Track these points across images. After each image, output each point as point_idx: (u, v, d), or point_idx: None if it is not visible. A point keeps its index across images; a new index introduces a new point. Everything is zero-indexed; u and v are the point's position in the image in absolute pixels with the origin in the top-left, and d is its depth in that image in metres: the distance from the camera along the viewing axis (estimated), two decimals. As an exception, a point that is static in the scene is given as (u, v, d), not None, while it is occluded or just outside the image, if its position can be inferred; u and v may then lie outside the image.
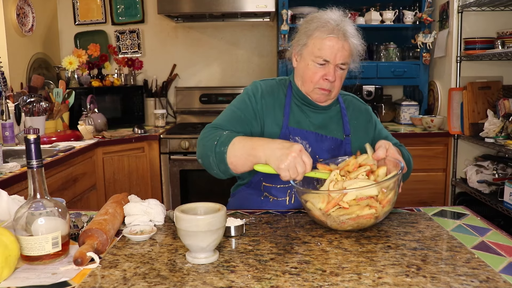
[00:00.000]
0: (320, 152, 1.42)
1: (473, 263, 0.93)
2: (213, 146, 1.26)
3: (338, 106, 1.51)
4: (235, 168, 1.24)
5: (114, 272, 0.90)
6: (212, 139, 1.28)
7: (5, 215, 1.13)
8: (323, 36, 1.35)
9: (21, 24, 2.91)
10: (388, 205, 1.10)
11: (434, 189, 2.84)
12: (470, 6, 2.69)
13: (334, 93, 1.42)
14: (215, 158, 1.25)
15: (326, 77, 1.37)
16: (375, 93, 3.11)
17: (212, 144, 1.26)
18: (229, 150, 1.22)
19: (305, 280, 0.85)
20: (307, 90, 1.42)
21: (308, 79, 1.40)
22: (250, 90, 1.46)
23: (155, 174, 2.89)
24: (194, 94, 3.44)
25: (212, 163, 1.27)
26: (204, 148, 1.30)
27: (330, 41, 1.35)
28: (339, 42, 1.35)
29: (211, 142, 1.27)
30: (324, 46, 1.35)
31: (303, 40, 1.41)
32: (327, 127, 1.46)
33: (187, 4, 3.01)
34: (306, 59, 1.40)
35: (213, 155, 1.25)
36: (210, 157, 1.27)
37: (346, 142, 1.46)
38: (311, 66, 1.38)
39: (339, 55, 1.35)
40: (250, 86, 1.48)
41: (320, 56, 1.36)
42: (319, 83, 1.39)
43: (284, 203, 1.41)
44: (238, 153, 1.21)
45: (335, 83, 1.39)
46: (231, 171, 1.26)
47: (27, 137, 0.92)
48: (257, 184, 1.44)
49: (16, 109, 2.44)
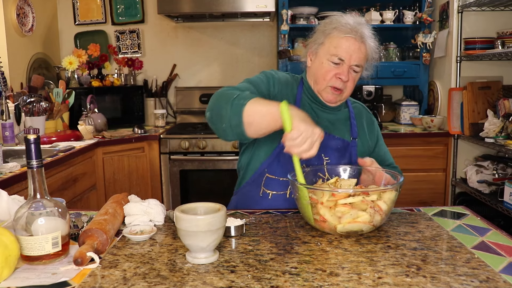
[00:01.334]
0: (327, 151, 1.43)
1: (473, 263, 0.93)
2: (232, 99, 1.19)
3: (347, 110, 1.53)
4: (249, 126, 1.16)
5: (114, 272, 0.90)
6: (232, 93, 1.22)
7: (5, 215, 1.13)
8: (341, 36, 1.36)
9: (21, 24, 2.91)
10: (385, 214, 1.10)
11: (434, 189, 2.84)
12: (470, 6, 2.69)
13: (345, 94, 1.43)
14: (230, 110, 1.17)
15: (339, 75, 1.37)
16: (375, 93, 3.11)
17: (231, 97, 1.20)
18: (249, 103, 1.17)
19: (305, 280, 0.85)
20: (319, 88, 1.43)
21: (321, 77, 1.40)
22: (269, 73, 1.45)
23: (155, 174, 2.89)
24: (194, 94, 3.44)
25: (225, 115, 1.19)
26: (220, 99, 1.23)
27: (348, 41, 1.36)
28: (356, 43, 1.36)
29: (230, 95, 1.21)
30: (341, 45, 1.36)
31: (320, 39, 1.42)
32: (335, 127, 1.47)
33: (187, 4, 3.01)
34: (321, 57, 1.41)
35: (229, 107, 1.18)
36: (223, 109, 1.19)
37: (353, 144, 1.47)
38: (326, 64, 1.39)
39: (355, 56, 1.36)
40: (268, 71, 1.47)
41: (336, 54, 1.36)
42: (332, 81, 1.39)
43: (284, 197, 1.41)
44: (259, 107, 1.16)
45: (347, 84, 1.40)
46: (242, 127, 1.17)
47: (27, 137, 0.92)
48: (259, 177, 1.43)
49: (16, 109, 2.44)
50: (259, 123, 1.16)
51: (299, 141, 1.07)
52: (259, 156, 1.44)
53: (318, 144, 1.09)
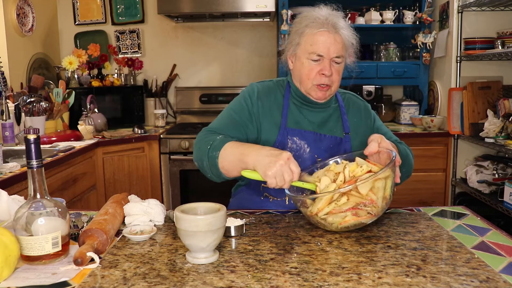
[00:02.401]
0: (319, 152, 1.42)
1: (473, 263, 0.93)
2: (207, 150, 1.28)
3: (337, 104, 1.51)
4: (227, 173, 1.26)
5: (114, 272, 0.90)
6: (206, 143, 1.29)
7: (5, 215, 1.13)
8: (314, 32, 1.36)
9: (21, 24, 2.91)
10: (384, 202, 1.09)
11: (434, 189, 2.84)
12: (470, 6, 2.69)
13: (334, 88, 1.42)
14: (208, 162, 1.27)
15: (322, 72, 1.37)
16: (375, 93, 3.11)
17: (206, 148, 1.28)
18: (221, 155, 1.24)
19: (305, 280, 0.85)
20: (306, 88, 1.42)
21: (305, 77, 1.40)
22: (246, 92, 1.46)
23: (155, 174, 2.89)
24: (194, 94, 3.44)
25: (206, 167, 1.29)
26: (199, 151, 1.32)
27: (322, 36, 1.35)
28: (330, 36, 1.35)
29: (205, 146, 1.29)
30: (316, 41, 1.35)
31: (295, 40, 1.41)
32: (326, 125, 1.46)
33: (187, 4, 3.01)
34: (300, 57, 1.40)
35: (206, 159, 1.28)
36: (204, 161, 1.29)
37: (346, 140, 1.46)
38: (306, 63, 1.39)
39: (333, 49, 1.35)
40: (247, 88, 1.49)
41: (313, 52, 1.36)
42: (316, 79, 1.38)
43: (284, 203, 1.41)
44: (229, 158, 1.23)
45: (332, 78, 1.38)
46: (223, 175, 1.28)
47: (27, 137, 0.92)
48: (256, 184, 1.43)
49: (16, 109, 2.44)
50: (233, 170, 1.24)
51: (278, 181, 1.10)
52: None
53: (295, 164, 1.11)
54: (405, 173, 1.41)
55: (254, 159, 1.15)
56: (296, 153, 1.41)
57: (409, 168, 1.45)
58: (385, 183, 1.09)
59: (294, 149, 1.41)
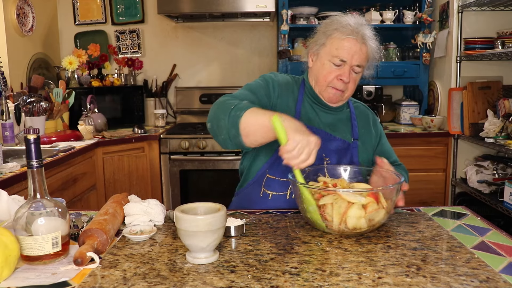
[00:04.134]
0: (328, 151, 1.43)
1: (473, 263, 0.93)
2: (229, 110, 1.21)
3: (348, 110, 1.53)
4: (246, 135, 1.18)
5: (114, 272, 0.90)
6: (229, 104, 1.24)
7: (5, 215, 1.13)
8: (342, 37, 1.37)
9: (21, 24, 2.91)
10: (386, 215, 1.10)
11: (434, 189, 2.84)
12: (470, 6, 2.69)
13: (346, 95, 1.43)
14: (228, 121, 1.20)
15: (340, 77, 1.38)
16: (375, 93, 3.11)
17: (228, 108, 1.22)
18: (245, 115, 1.18)
19: (305, 280, 0.85)
20: (320, 89, 1.43)
21: (322, 78, 1.41)
22: (268, 76, 1.46)
23: (155, 174, 2.89)
24: (194, 94, 3.44)
25: (223, 126, 1.22)
26: (218, 110, 1.25)
27: (349, 42, 1.36)
28: (357, 44, 1.36)
29: (227, 106, 1.23)
30: (342, 46, 1.37)
31: (321, 40, 1.42)
32: (336, 128, 1.47)
33: (187, 4, 3.01)
34: (322, 58, 1.41)
35: (227, 118, 1.20)
36: (222, 120, 1.22)
37: (354, 145, 1.47)
38: (327, 65, 1.40)
39: (356, 57, 1.37)
40: (267, 74, 1.49)
41: (337, 56, 1.37)
42: (333, 82, 1.40)
43: (284, 198, 1.41)
44: (255, 119, 1.17)
45: (348, 85, 1.40)
46: (240, 138, 1.20)
47: (27, 137, 0.92)
48: (260, 178, 1.43)
49: (16, 109, 2.44)
50: (255, 135, 1.18)
51: (296, 152, 1.07)
52: (261, 158, 1.44)
53: (315, 153, 1.09)
54: None
55: (289, 122, 1.11)
56: None
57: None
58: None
59: None
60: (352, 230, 1.07)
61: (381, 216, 1.08)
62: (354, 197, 1.06)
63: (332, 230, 1.08)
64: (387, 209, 1.08)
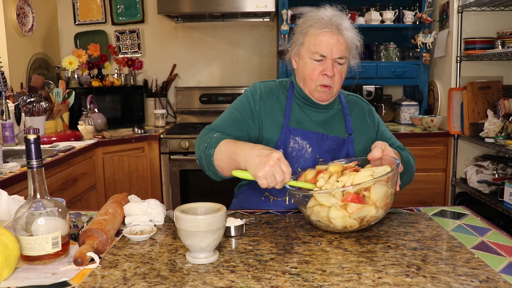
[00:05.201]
0: (321, 152, 1.42)
1: (473, 263, 0.93)
2: (204, 148, 1.28)
3: (340, 106, 1.51)
4: (222, 171, 1.25)
5: (114, 272, 0.90)
6: (204, 141, 1.30)
7: (5, 215, 1.13)
8: (317, 32, 1.36)
9: (21, 24, 2.91)
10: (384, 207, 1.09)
11: (434, 189, 2.84)
12: (470, 6, 2.68)
13: (335, 90, 1.42)
14: (205, 161, 1.27)
15: (324, 72, 1.37)
16: (375, 93, 3.11)
17: (203, 146, 1.28)
18: (215, 153, 1.24)
19: (305, 280, 0.85)
20: (309, 89, 1.43)
21: (308, 77, 1.40)
22: (249, 92, 1.47)
23: (155, 174, 2.89)
24: (194, 94, 3.44)
25: (204, 165, 1.30)
26: (198, 149, 1.33)
27: (325, 36, 1.35)
28: (333, 36, 1.35)
29: (203, 144, 1.29)
30: (319, 42, 1.36)
31: (299, 39, 1.42)
32: (329, 126, 1.46)
33: (187, 4, 3.01)
34: (304, 57, 1.41)
35: (204, 157, 1.28)
36: (201, 159, 1.30)
37: (349, 141, 1.46)
38: (309, 63, 1.39)
39: (335, 49, 1.36)
40: (250, 87, 1.49)
41: (316, 52, 1.36)
42: (319, 79, 1.39)
43: (284, 203, 1.41)
44: (222, 156, 1.22)
45: (334, 79, 1.39)
46: (220, 174, 1.27)
47: (27, 137, 0.92)
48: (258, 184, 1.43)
49: (16, 109, 2.44)
50: (227, 169, 1.22)
51: (270, 182, 1.09)
52: None
53: (285, 165, 1.09)
54: (407, 180, 1.43)
55: (244, 158, 1.14)
56: (298, 153, 1.41)
57: (410, 175, 1.45)
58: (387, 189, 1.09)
59: (296, 149, 1.41)
60: (345, 229, 1.07)
61: (372, 212, 1.06)
62: (327, 200, 1.06)
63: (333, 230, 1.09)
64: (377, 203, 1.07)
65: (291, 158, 1.39)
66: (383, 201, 1.08)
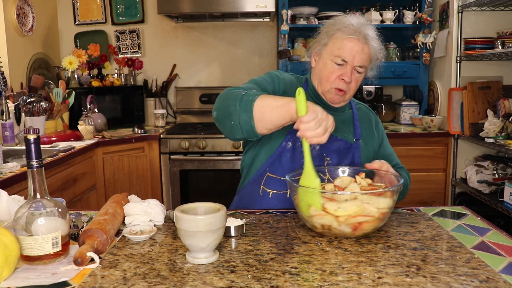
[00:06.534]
0: (329, 152, 1.43)
1: (473, 263, 0.93)
2: (240, 96, 1.21)
3: (351, 111, 1.53)
4: (259, 118, 1.18)
5: (114, 272, 0.90)
6: (239, 92, 1.24)
7: (5, 215, 1.13)
8: (344, 37, 1.37)
9: (21, 24, 2.91)
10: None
11: (434, 189, 2.84)
12: (470, 6, 2.69)
13: (348, 95, 1.43)
14: (240, 106, 1.19)
15: (342, 77, 1.38)
16: (375, 93, 3.11)
17: (239, 94, 1.22)
18: (259, 99, 1.19)
19: (305, 280, 0.85)
20: (323, 89, 1.43)
21: (325, 78, 1.41)
22: (273, 73, 1.47)
23: (155, 174, 2.89)
24: (194, 94, 3.44)
25: (233, 112, 1.20)
26: (227, 98, 1.25)
27: (351, 42, 1.36)
28: (359, 44, 1.36)
29: (237, 94, 1.23)
30: (344, 46, 1.36)
31: (324, 40, 1.42)
32: (338, 128, 1.46)
33: (187, 4, 3.01)
34: (325, 58, 1.41)
35: (238, 103, 1.19)
36: (232, 106, 1.21)
37: (356, 146, 1.47)
38: (329, 65, 1.39)
39: (358, 57, 1.36)
40: (273, 71, 1.49)
41: (339, 56, 1.37)
42: (335, 82, 1.39)
43: (285, 196, 1.41)
44: (269, 102, 1.18)
45: (350, 85, 1.40)
46: (252, 123, 1.18)
47: (27, 137, 0.92)
48: (260, 176, 1.43)
49: (16, 109, 2.44)
50: (269, 117, 1.18)
51: (314, 124, 1.08)
52: (262, 155, 1.44)
53: (330, 132, 1.10)
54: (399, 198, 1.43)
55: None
56: None
57: (403, 194, 1.49)
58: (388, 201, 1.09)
59: None
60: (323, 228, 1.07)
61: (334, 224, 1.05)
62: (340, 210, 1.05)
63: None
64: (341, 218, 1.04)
65: (298, 154, 1.40)
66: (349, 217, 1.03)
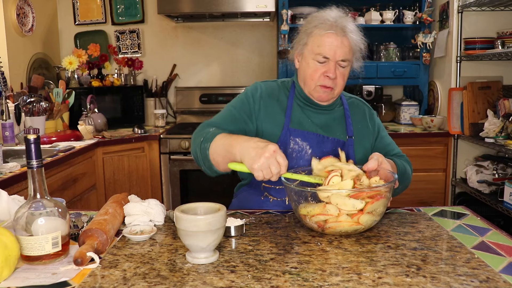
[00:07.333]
0: (321, 154, 1.41)
1: (473, 263, 0.93)
2: (200, 143, 1.28)
3: (342, 108, 1.51)
4: (217, 165, 1.26)
5: (114, 272, 0.90)
6: (200, 135, 1.30)
7: (5, 215, 1.13)
8: (322, 33, 1.36)
9: (21, 24, 2.91)
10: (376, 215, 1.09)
11: (434, 189, 2.84)
12: (470, 6, 2.69)
13: (336, 91, 1.41)
14: (200, 154, 1.28)
15: (326, 74, 1.36)
16: (375, 93, 3.11)
17: (199, 141, 1.29)
18: (211, 147, 1.24)
19: (305, 280, 0.85)
20: (309, 89, 1.42)
21: (309, 77, 1.40)
22: (250, 90, 1.47)
23: (155, 174, 2.89)
24: (194, 94, 3.44)
25: (199, 159, 1.30)
26: (193, 144, 1.33)
27: (329, 38, 1.35)
28: (338, 38, 1.35)
29: (199, 139, 1.30)
30: (323, 43, 1.35)
31: (303, 39, 1.41)
32: (329, 128, 1.45)
33: (187, 4, 3.01)
34: (307, 57, 1.40)
35: (199, 151, 1.28)
36: (196, 154, 1.30)
37: (349, 143, 1.45)
38: (312, 64, 1.38)
39: (339, 52, 1.35)
40: (251, 86, 1.49)
41: (319, 53, 1.36)
42: (320, 80, 1.38)
43: (284, 204, 1.41)
44: (218, 149, 1.22)
45: (336, 81, 1.38)
46: (215, 168, 1.27)
47: (27, 137, 0.92)
48: (257, 184, 1.44)
49: (16, 109, 2.44)
50: (223, 162, 1.22)
51: (265, 174, 1.09)
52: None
53: (281, 157, 1.09)
54: (402, 188, 1.43)
55: (240, 151, 1.14)
56: (298, 154, 1.40)
57: (405, 183, 1.45)
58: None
59: (296, 150, 1.40)
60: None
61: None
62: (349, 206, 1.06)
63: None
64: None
65: (291, 159, 1.39)
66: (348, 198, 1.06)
